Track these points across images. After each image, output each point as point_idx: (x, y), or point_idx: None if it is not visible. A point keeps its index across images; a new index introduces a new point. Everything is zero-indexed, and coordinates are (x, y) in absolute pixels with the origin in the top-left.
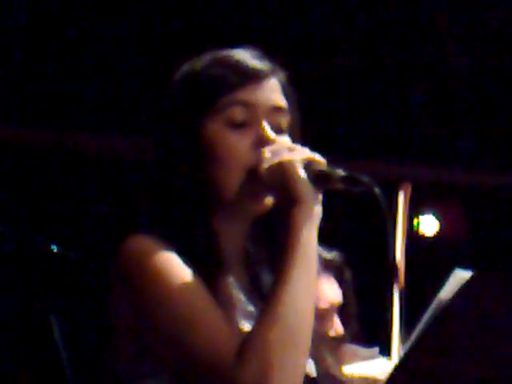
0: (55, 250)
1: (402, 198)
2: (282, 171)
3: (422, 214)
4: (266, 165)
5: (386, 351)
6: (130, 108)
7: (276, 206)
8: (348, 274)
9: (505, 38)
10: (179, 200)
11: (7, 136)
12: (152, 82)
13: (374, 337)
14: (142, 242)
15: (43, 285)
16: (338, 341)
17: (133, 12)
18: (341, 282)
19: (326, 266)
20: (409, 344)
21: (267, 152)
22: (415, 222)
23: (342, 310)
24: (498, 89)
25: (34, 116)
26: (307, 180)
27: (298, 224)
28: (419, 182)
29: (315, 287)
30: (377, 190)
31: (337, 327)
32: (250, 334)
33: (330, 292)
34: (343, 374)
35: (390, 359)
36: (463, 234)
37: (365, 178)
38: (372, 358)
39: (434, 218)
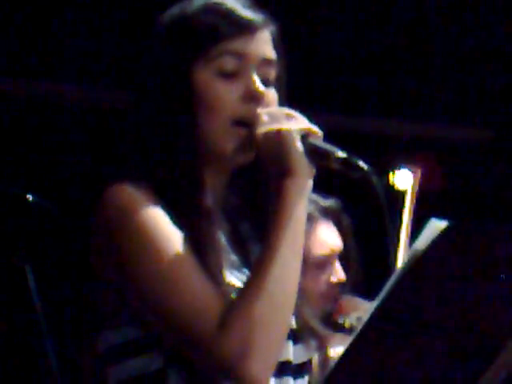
0: (31, 199)
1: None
2: (279, 140)
3: (398, 169)
4: (262, 129)
5: None
6: (113, 56)
7: (263, 170)
8: (347, 221)
9: None
10: (165, 148)
11: None
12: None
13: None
14: (126, 192)
15: (18, 234)
16: (341, 287)
17: None
18: (340, 229)
19: (325, 213)
20: (383, 294)
21: (264, 115)
22: (390, 176)
23: (344, 257)
24: (475, 44)
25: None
26: (303, 153)
27: (289, 198)
28: (394, 137)
29: (300, 264)
30: (375, 178)
31: (339, 273)
32: (233, 305)
33: (330, 238)
34: (321, 326)
35: None
36: (438, 187)
37: (363, 165)
38: None
39: (408, 171)
